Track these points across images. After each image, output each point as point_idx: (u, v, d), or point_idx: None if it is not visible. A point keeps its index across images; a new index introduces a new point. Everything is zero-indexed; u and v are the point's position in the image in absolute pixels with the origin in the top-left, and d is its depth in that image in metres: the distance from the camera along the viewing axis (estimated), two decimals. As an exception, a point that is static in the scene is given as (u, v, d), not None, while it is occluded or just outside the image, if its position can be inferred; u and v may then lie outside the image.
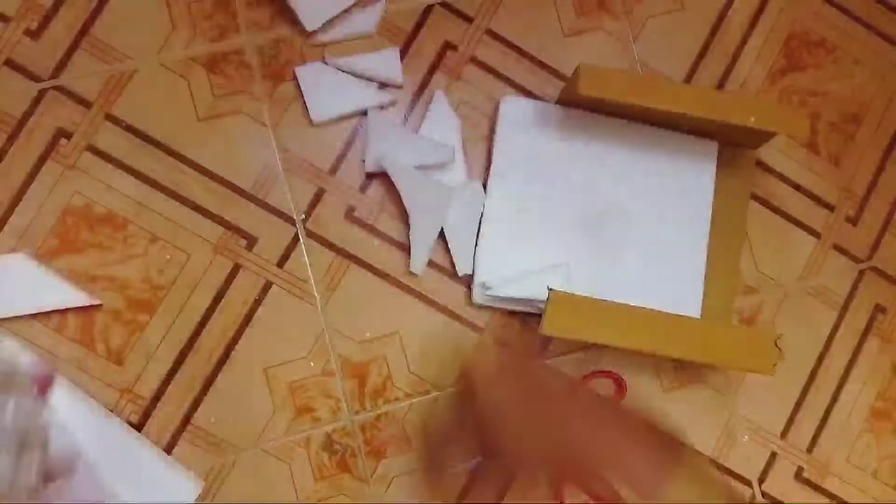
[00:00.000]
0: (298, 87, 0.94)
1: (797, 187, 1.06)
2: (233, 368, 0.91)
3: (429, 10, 1.00)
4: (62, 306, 0.88)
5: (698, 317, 0.96)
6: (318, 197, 0.95)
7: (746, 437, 1.00)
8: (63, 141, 0.92)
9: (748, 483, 1.00)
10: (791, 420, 1.01)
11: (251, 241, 0.93)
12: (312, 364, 0.93)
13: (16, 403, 0.74)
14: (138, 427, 0.89)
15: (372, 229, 0.96)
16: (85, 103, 0.92)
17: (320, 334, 0.93)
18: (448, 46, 0.99)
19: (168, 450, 0.89)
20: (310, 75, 0.94)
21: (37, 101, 0.92)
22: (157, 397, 0.90)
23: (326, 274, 0.94)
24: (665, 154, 0.97)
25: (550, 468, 0.73)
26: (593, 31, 1.03)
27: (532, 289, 0.90)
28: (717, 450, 0.99)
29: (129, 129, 0.93)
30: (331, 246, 0.95)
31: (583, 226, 0.95)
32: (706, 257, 0.97)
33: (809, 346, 1.03)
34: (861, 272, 1.06)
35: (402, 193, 0.92)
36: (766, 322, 1.02)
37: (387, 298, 0.95)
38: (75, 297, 0.88)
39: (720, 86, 1.05)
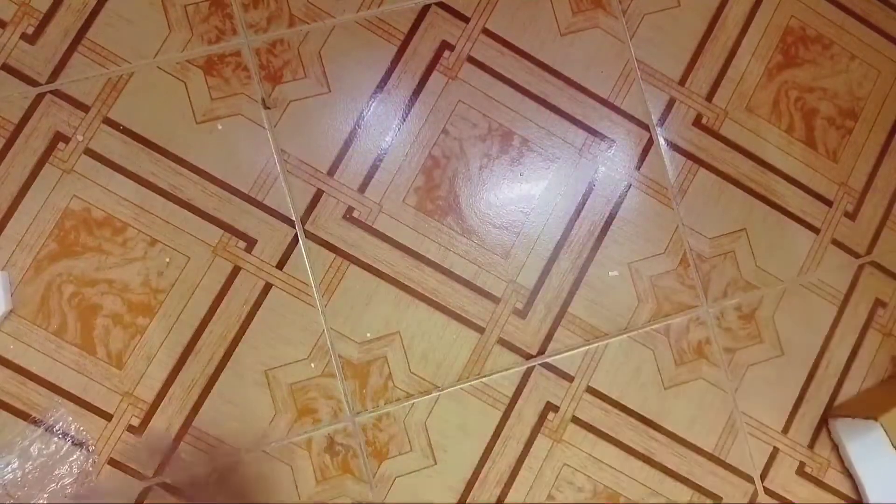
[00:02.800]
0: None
1: (795, 183, 1.06)
2: (233, 371, 0.91)
3: (425, 10, 1.00)
4: None
5: None
6: (316, 198, 0.95)
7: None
8: (61, 145, 0.91)
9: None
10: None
11: (250, 243, 0.93)
12: (313, 365, 0.93)
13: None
14: (139, 430, 0.89)
15: (371, 230, 0.96)
16: (82, 107, 0.92)
17: (321, 335, 0.93)
18: (445, 46, 0.99)
19: (169, 452, 0.89)
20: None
21: (34, 105, 0.92)
22: (158, 400, 0.90)
23: (326, 275, 0.94)
24: None
25: None
26: (590, 30, 1.03)
27: None
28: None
29: (127, 132, 0.93)
30: (330, 247, 0.95)
31: None
32: None
33: (808, 336, 1.04)
34: (860, 267, 1.06)
35: None
36: (765, 318, 1.02)
37: (387, 299, 0.95)
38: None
39: (717, 83, 1.05)
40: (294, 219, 0.94)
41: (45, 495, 0.84)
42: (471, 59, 1.00)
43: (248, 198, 0.94)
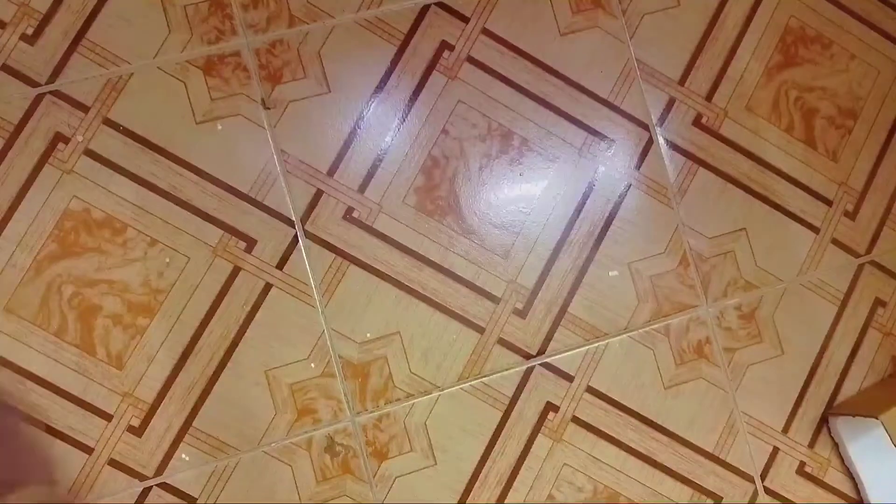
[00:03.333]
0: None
1: (795, 182, 1.06)
2: (234, 371, 0.91)
3: (425, 10, 1.00)
4: None
5: None
6: (316, 198, 0.95)
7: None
8: (61, 145, 0.91)
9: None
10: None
11: (250, 244, 0.93)
12: (313, 366, 0.93)
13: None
14: (139, 431, 0.89)
15: (371, 230, 0.96)
16: (82, 108, 0.92)
17: (321, 336, 0.93)
18: (445, 46, 0.99)
19: (170, 452, 0.89)
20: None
21: (34, 105, 0.92)
22: (158, 401, 0.90)
23: (326, 275, 0.94)
24: None
25: None
26: (590, 29, 1.03)
27: None
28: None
29: (127, 132, 0.93)
30: (330, 247, 0.95)
31: None
32: None
33: (808, 335, 1.04)
34: (860, 266, 1.06)
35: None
36: (765, 317, 1.02)
37: (387, 299, 0.95)
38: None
39: (717, 82, 1.05)
40: (294, 219, 0.94)
41: None
42: (470, 59, 1.00)
43: (247, 198, 0.94)
